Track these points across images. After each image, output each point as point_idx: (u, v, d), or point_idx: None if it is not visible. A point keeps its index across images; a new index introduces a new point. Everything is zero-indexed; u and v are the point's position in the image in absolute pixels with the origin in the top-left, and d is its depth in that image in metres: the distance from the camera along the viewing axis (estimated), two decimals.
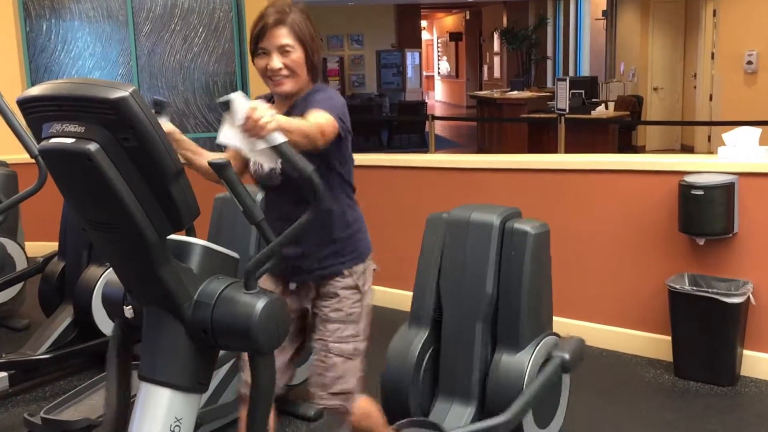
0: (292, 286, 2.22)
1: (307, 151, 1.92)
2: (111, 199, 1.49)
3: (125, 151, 1.48)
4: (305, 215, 1.76)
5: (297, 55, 2.06)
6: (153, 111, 1.57)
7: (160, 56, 6.88)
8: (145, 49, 6.86)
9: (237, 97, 1.68)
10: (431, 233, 2.72)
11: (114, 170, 1.48)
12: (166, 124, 1.91)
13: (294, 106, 2.11)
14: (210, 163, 1.68)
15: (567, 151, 7.36)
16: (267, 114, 1.70)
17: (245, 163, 2.18)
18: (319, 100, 2.04)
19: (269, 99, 2.21)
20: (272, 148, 1.73)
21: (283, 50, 2.05)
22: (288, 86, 2.08)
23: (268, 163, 1.84)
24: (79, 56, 6.94)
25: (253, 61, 2.10)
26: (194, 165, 2.10)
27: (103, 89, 1.44)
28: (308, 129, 1.89)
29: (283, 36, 2.05)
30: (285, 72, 2.06)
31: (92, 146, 1.45)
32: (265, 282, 2.23)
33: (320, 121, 1.93)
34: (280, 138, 1.72)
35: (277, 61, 2.05)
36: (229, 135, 1.70)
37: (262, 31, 2.06)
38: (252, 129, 1.69)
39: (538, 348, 2.51)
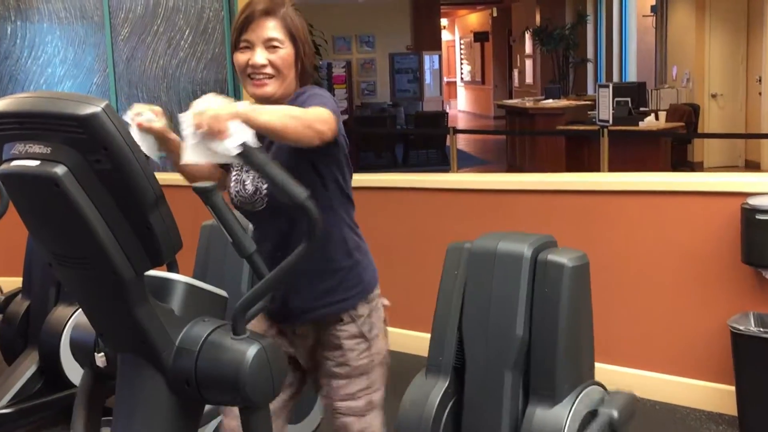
0: (298, 329, 2.19)
1: (304, 159, 1.89)
2: (80, 230, 1.50)
3: (97, 175, 1.49)
4: (300, 248, 1.70)
5: (286, 52, 2.03)
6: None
7: (141, 62, 6.94)
8: (123, 55, 6.93)
9: (184, 114, 1.66)
10: (452, 266, 2.72)
11: (84, 197, 1.49)
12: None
13: None
14: (194, 188, 1.70)
15: (611, 169, 7.34)
16: (215, 101, 1.65)
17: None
18: (306, 100, 1.96)
19: None
20: (244, 159, 1.65)
21: (270, 45, 2.02)
22: (271, 88, 2.03)
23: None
24: (48, 63, 7.02)
25: (232, 56, 2.07)
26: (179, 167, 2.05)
27: (72, 104, 1.46)
28: (299, 112, 1.79)
29: (272, 29, 2.02)
30: (269, 70, 2.02)
31: (59, 169, 1.46)
32: (259, 324, 2.22)
33: (316, 111, 1.83)
34: (243, 132, 1.63)
35: (261, 56, 2.01)
36: (190, 152, 1.66)
37: (247, 21, 2.02)
38: (201, 125, 1.62)
39: (578, 400, 2.48)
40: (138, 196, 1.52)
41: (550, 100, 12.54)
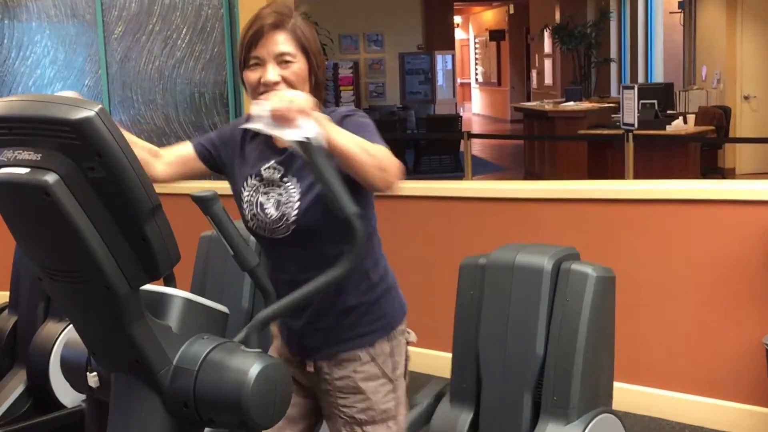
0: (309, 366, 2.17)
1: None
2: (72, 241, 1.51)
3: (90, 184, 1.49)
4: (338, 267, 1.72)
5: (299, 66, 2.04)
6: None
7: (136, 63, 6.97)
8: (117, 55, 6.96)
9: (254, 103, 1.79)
10: (467, 283, 2.71)
11: (76, 206, 1.49)
12: None
13: None
14: (193, 197, 1.70)
15: (636, 177, 7.34)
16: (294, 96, 1.74)
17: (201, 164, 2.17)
18: (355, 130, 1.93)
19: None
20: (304, 149, 1.72)
21: (281, 60, 2.02)
22: None
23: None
24: (37, 64, 7.06)
25: (241, 74, 2.08)
26: None
27: (64, 108, 1.46)
28: (375, 150, 1.85)
29: (283, 42, 2.02)
30: (283, 87, 2.01)
31: (50, 177, 1.46)
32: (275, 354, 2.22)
33: (388, 156, 1.89)
34: (312, 129, 1.71)
35: (273, 73, 2.01)
36: (256, 120, 1.76)
37: (256, 36, 2.02)
38: (280, 111, 1.71)
39: (592, 425, 2.47)
40: (133, 206, 1.52)
41: (571, 103, 12.54)
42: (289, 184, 2.04)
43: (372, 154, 1.83)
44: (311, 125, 1.72)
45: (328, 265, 1.93)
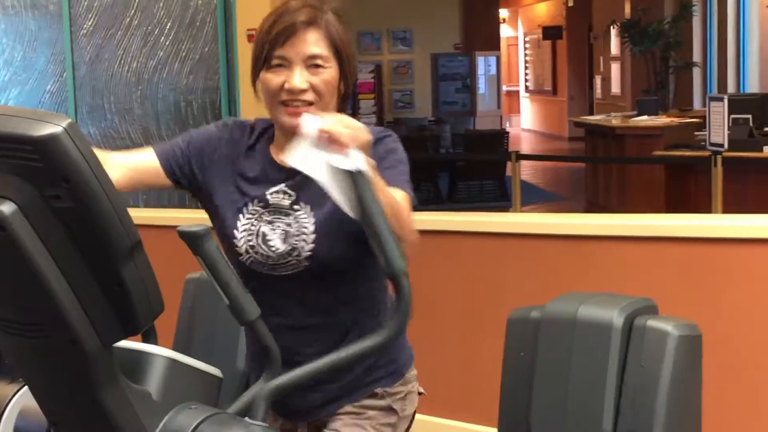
0: (302, 427, 2.24)
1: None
2: (31, 286, 1.51)
3: (55, 216, 1.50)
4: (381, 333, 1.72)
5: (331, 74, 2.09)
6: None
7: (109, 64, 7.03)
8: (86, 55, 7.03)
9: (306, 116, 1.86)
10: (517, 342, 2.71)
11: (37, 243, 1.50)
12: None
13: None
14: (180, 232, 1.71)
15: (726, 210, 7.30)
16: (354, 123, 1.80)
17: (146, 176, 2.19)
18: (387, 164, 2.05)
19: (262, 133, 2.22)
20: (355, 184, 1.75)
21: (312, 63, 2.07)
22: None
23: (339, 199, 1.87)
24: None
25: (256, 75, 2.12)
26: None
27: (23, 123, 1.47)
28: (402, 210, 1.93)
29: (315, 43, 2.07)
30: (310, 96, 2.07)
31: (5, 208, 1.47)
32: None
33: (406, 203, 1.99)
34: (361, 161, 1.76)
35: (300, 78, 2.06)
36: (299, 156, 1.82)
37: (286, 33, 2.06)
38: (330, 136, 1.75)
39: None
40: (108, 244, 1.52)
41: (645, 117, 12.53)
42: (301, 212, 2.07)
43: (396, 211, 1.88)
44: (361, 159, 1.76)
45: (340, 308, 2.00)
